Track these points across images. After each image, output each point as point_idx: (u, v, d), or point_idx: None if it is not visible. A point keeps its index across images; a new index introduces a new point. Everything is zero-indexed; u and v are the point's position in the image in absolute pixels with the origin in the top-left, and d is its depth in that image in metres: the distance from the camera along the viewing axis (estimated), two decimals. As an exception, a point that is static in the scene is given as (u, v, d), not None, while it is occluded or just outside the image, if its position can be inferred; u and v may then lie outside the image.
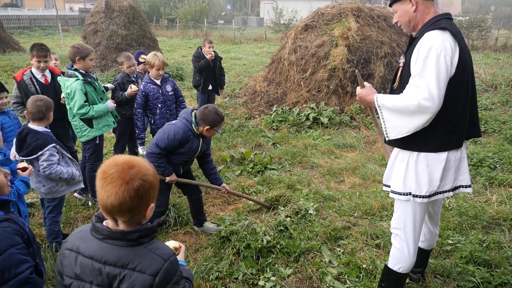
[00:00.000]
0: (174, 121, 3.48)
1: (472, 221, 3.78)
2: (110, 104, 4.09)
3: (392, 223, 2.50)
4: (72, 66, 3.86)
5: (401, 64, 2.31)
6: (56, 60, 4.92)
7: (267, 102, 8.31)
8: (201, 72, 6.34)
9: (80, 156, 4.80)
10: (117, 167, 1.30)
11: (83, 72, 3.85)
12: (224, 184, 3.79)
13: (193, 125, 3.33)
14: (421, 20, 2.26)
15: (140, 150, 5.57)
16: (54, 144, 3.11)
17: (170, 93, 4.63)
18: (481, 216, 3.85)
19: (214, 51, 6.49)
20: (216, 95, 7.05)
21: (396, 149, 2.40)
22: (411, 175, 2.28)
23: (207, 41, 6.48)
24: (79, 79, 3.78)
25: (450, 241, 3.43)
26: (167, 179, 3.41)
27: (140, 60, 5.41)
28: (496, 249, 3.32)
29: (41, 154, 3.04)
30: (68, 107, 3.93)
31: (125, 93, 4.62)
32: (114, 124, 4.23)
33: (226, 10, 55.04)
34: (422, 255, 2.77)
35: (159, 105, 4.56)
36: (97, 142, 4.08)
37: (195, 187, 3.75)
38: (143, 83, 4.55)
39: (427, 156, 2.23)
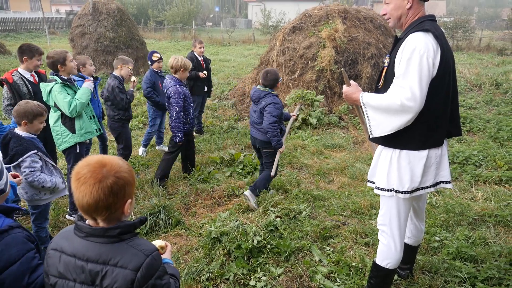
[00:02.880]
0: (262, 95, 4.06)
1: (459, 218, 3.86)
2: (86, 83, 3.93)
3: (378, 219, 2.56)
4: (56, 74, 3.78)
5: (386, 64, 2.37)
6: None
7: (256, 103, 8.33)
8: (191, 79, 6.37)
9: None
10: (89, 167, 1.32)
11: (64, 77, 3.77)
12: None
13: (271, 91, 4.04)
14: (410, 19, 2.30)
15: (157, 147, 6.07)
16: (35, 151, 3.05)
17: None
18: (467, 213, 3.93)
19: (203, 55, 6.55)
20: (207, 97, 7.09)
21: (380, 146, 2.47)
22: (394, 171, 2.35)
23: (197, 42, 6.56)
24: (57, 82, 3.71)
25: (437, 238, 3.50)
26: (282, 149, 4.03)
27: (154, 58, 5.60)
28: (482, 245, 3.40)
29: (22, 161, 2.99)
30: (55, 114, 3.81)
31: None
32: (97, 132, 4.11)
33: (215, 12, 54.98)
34: (410, 251, 2.82)
35: (191, 105, 4.69)
36: (77, 150, 3.91)
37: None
38: (176, 86, 4.48)
39: (408, 154, 2.30)
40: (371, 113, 2.27)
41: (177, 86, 4.48)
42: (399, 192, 2.34)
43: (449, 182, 2.41)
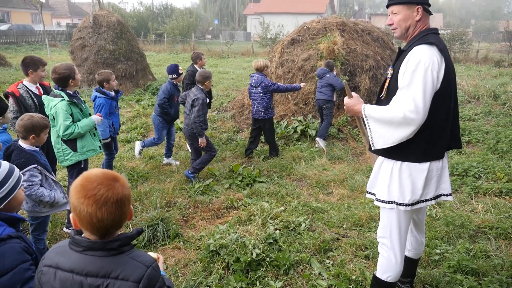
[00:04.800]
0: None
1: (459, 231, 3.83)
2: (96, 117, 3.95)
3: (378, 232, 2.53)
4: (63, 89, 3.74)
5: (389, 75, 2.36)
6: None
7: (255, 115, 8.35)
8: None
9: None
10: (104, 185, 1.30)
11: (70, 92, 3.73)
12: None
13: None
14: (417, 30, 2.30)
15: (166, 160, 6.11)
16: (35, 165, 3.03)
17: None
18: (468, 225, 3.90)
19: (203, 67, 6.62)
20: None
21: (380, 158, 2.45)
22: (395, 183, 2.33)
23: (202, 54, 6.70)
24: (64, 99, 3.65)
25: (438, 251, 3.46)
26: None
27: (180, 71, 5.74)
28: (483, 258, 3.36)
29: (22, 174, 2.98)
30: (52, 129, 3.75)
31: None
32: (100, 149, 4.06)
33: (214, 25, 55.52)
34: (410, 264, 2.79)
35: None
36: (82, 166, 3.86)
37: None
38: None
39: (409, 166, 2.29)
40: (373, 125, 2.26)
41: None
42: (400, 204, 2.32)
43: (450, 194, 2.40)
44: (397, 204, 2.33)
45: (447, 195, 2.39)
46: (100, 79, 4.74)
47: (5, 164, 1.88)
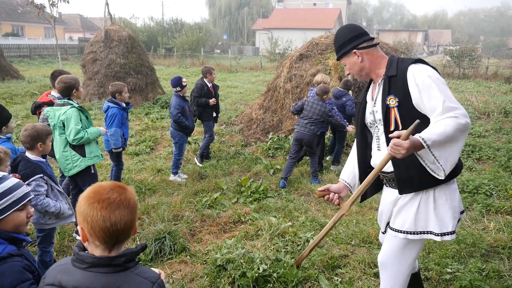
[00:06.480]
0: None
1: (471, 249, 3.75)
2: (102, 129, 4.15)
3: (393, 261, 2.33)
4: (69, 99, 3.89)
5: (394, 104, 2.16)
6: None
7: (263, 129, 8.37)
8: (200, 105, 6.49)
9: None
10: (115, 191, 1.31)
11: (75, 102, 3.91)
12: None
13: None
14: (374, 66, 2.28)
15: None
16: (41, 175, 3.06)
17: None
18: (480, 244, 3.82)
19: (212, 82, 6.70)
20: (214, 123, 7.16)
21: (393, 192, 2.31)
22: (425, 214, 2.18)
23: (212, 69, 6.79)
24: (74, 106, 3.80)
25: (449, 270, 3.39)
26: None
27: (183, 84, 5.78)
28: (496, 278, 3.28)
29: (28, 184, 3.00)
30: (59, 137, 3.83)
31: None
32: (102, 157, 4.17)
33: (223, 39, 56.28)
34: (415, 278, 2.72)
35: None
36: (92, 171, 3.97)
37: None
38: None
39: (444, 188, 2.17)
40: (437, 152, 1.97)
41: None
42: (444, 234, 2.14)
43: (463, 212, 2.33)
44: (441, 234, 2.15)
45: (461, 212, 2.30)
46: (113, 90, 4.90)
47: (10, 181, 1.75)
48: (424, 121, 2.04)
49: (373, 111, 2.31)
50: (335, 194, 2.56)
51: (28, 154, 3.13)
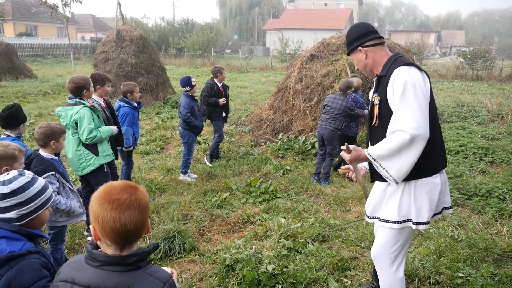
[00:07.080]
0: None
1: (483, 254, 3.69)
2: (114, 128, 4.20)
3: (382, 251, 2.55)
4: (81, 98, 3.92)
5: (377, 102, 2.38)
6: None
7: (273, 130, 8.36)
8: (210, 105, 6.51)
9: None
10: (126, 191, 1.31)
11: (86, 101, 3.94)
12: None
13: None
14: (376, 64, 2.44)
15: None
16: (53, 172, 3.10)
17: None
18: (492, 248, 3.76)
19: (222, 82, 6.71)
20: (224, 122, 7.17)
21: (381, 183, 2.50)
22: (408, 203, 2.35)
23: (222, 69, 6.79)
24: (86, 105, 3.83)
25: (460, 274, 3.34)
26: None
27: (193, 83, 5.84)
28: (509, 283, 3.23)
29: None
30: (72, 137, 3.86)
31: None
32: (113, 156, 4.18)
33: (233, 40, 56.37)
34: None
35: None
36: (105, 170, 4.00)
37: None
38: None
39: (425, 182, 2.31)
40: (385, 163, 2.23)
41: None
42: (419, 223, 2.32)
43: (451, 207, 2.49)
44: (416, 223, 2.32)
45: (448, 208, 2.47)
46: (124, 90, 4.95)
47: (40, 182, 1.86)
48: None
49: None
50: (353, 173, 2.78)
51: (41, 152, 3.18)
